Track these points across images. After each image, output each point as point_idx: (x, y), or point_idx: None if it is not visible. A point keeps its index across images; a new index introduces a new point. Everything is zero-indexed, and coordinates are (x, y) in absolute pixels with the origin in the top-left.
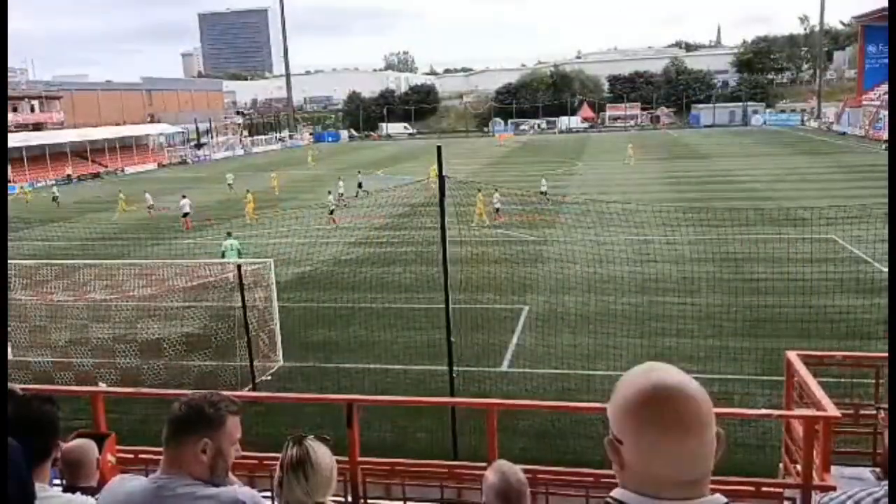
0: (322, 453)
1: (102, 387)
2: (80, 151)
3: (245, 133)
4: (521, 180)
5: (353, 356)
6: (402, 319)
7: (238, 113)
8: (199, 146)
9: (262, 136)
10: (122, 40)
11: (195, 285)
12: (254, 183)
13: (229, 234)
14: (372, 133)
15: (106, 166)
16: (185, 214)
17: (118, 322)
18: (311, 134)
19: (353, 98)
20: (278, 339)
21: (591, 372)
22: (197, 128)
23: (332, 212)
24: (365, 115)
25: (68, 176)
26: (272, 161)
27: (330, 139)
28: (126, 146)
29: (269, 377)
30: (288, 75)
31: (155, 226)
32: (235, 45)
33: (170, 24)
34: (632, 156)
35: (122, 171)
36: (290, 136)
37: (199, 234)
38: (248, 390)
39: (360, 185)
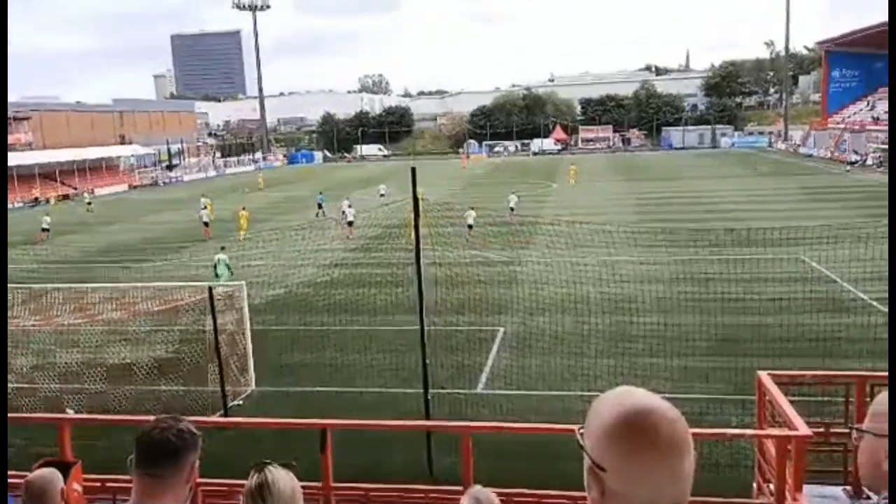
0: (282, 480)
1: (69, 413)
2: (49, 173)
3: (218, 154)
4: (493, 201)
5: (328, 380)
6: (378, 342)
7: (211, 134)
8: (170, 167)
9: (235, 158)
10: (94, 61)
11: (166, 308)
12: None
13: (223, 248)
14: (346, 154)
15: (75, 188)
16: (206, 224)
17: (86, 347)
18: (284, 155)
19: (328, 120)
20: (251, 363)
21: (566, 393)
22: (168, 149)
23: (350, 223)
24: (339, 136)
25: (35, 199)
26: (221, 186)
27: (304, 160)
28: (96, 168)
29: (241, 402)
30: (261, 97)
31: (120, 247)
32: (209, 66)
33: (143, 45)
34: (574, 177)
35: (92, 192)
36: (264, 158)
37: (165, 258)
38: (220, 416)
39: (319, 207)
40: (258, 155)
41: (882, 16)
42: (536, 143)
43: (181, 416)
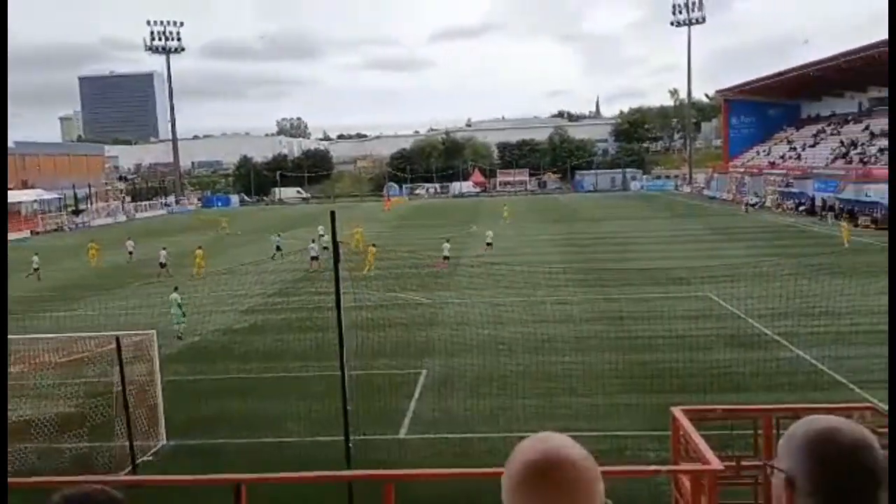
0: None
1: None
2: None
3: (128, 199)
4: (418, 245)
5: (245, 431)
6: (297, 389)
7: (121, 178)
8: (76, 212)
9: (147, 202)
10: None
11: (70, 360)
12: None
13: (176, 289)
14: (265, 198)
15: None
16: (163, 265)
17: None
18: (199, 199)
19: (245, 163)
20: (161, 415)
21: (489, 435)
22: (75, 193)
23: (314, 258)
24: (257, 179)
25: None
26: (145, 228)
27: (219, 204)
28: None
29: (151, 457)
30: (174, 139)
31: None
32: (120, 109)
33: (49, 88)
34: (507, 216)
35: None
36: (177, 202)
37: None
38: (127, 473)
39: (278, 248)
40: (171, 199)
41: (772, 69)
42: (456, 186)
43: (104, 486)
